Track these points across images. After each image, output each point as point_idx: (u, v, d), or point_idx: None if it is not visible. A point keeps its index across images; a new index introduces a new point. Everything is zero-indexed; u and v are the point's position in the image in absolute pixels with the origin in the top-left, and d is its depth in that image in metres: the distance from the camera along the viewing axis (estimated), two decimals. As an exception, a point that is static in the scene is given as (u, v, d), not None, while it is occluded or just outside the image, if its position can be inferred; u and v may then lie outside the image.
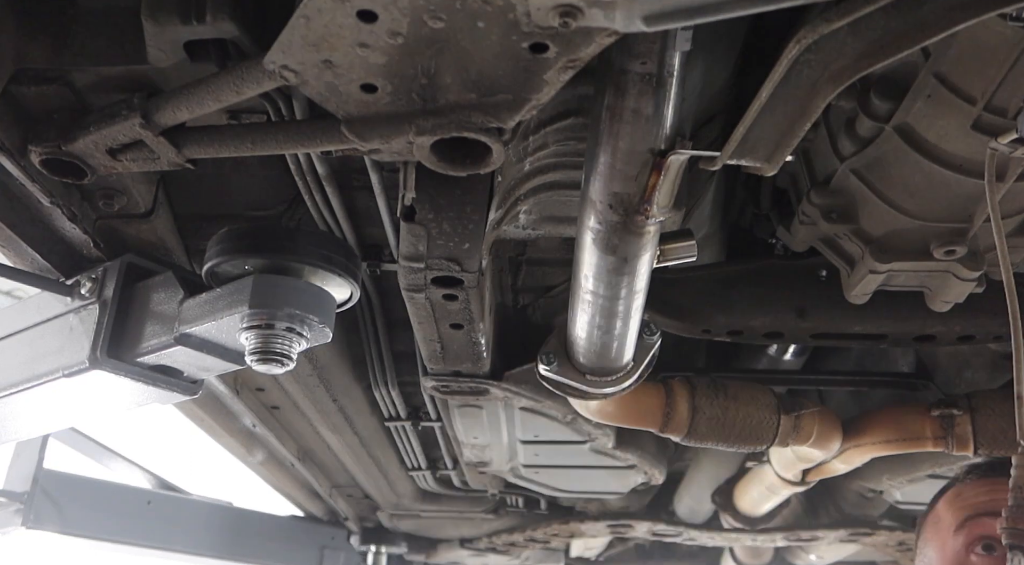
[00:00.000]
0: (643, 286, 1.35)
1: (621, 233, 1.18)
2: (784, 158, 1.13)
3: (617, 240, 1.20)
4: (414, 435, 2.99)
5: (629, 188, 1.10)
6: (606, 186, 1.11)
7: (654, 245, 1.26)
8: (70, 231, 1.45)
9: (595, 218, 1.17)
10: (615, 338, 1.50)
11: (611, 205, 1.13)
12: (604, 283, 1.32)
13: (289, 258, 1.35)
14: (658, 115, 1.01)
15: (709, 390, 1.97)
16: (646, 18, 0.82)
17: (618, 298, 1.35)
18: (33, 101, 1.24)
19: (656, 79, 0.96)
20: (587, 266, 1.29)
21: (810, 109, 1.06)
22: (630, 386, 1.69)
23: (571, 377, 1.67)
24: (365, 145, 1.10)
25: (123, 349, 1.46)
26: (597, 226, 1.19)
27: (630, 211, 1.13)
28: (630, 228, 1.16)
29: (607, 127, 1.04)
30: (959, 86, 1.21)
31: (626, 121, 1.01)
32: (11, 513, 2.97)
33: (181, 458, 4.14)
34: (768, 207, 1.82)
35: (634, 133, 1.03)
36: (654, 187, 1.09)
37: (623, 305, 1.38)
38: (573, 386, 1.68)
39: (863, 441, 2.09)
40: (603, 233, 1.19)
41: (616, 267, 1.26)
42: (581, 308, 1.42)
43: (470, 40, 0.92)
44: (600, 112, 1.04)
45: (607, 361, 1.60)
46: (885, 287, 1.63)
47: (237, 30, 1.09)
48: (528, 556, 4.29)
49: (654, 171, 1.07)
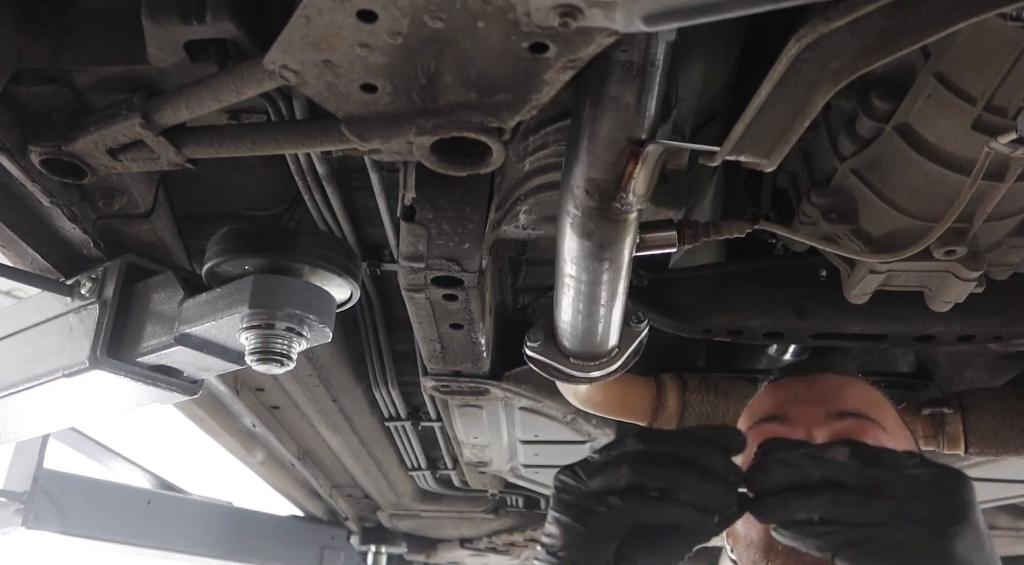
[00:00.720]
0: (624, 273, 1.35)
1: (597, 219, 1.18)
2: (784, 154, 1.13)
3: (593, 226, 1.20)
4: (414, 435, 2.99)
5: (606, 175, 1.10)
6: (584, 172, 1.12)
7: (633, 233, 1.26)
8: (70, 231, 1.44)
9: (572, 203, 1.18)
10: (598, 323, 1.50)
11: (587, 191, 1.13)
12: (583, 268, 1.32)
13: (289, 258, 1.35)
14: (639, 104, 1.01)
15: (700, 386, 1.98)
16: (646, 18, 0.82)
17: (598, 283, 1.36)
18: (33, 101, 1.24)
19: (637, 68, 0.96)
20: (567, 250, 1.30)
21: (809, 106, 1.07)
22: (615, 372, 1.69)
23: (555, 359, 1.67)
24: (365, 145, 1.10)
25: (123, 349, 1.46)
26: (575, 211, 1.19)
27: (606, 198, 1.13)
28: (606, 214, 1.17)
29: (588, 113, 1.04)
30: (959, 86, 1.21)
31: (606, 108, 1.01)
32: (11, 513, 2.97)
33: (181, 458, 4.15)
34: (768, 207, 1.83)
35: (613, 121, 1.03)
36: (631, 175, 1.09)
37: (605, 290, 1.38)
38: (557, 367, 1.69)
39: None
40: (580, 218, 1.20)
41: (593, 252, 1.27)
42: (564, 292, 1.43)
43: (470, 40, 0.92)
44: (583, 98, 1.04)
45: (591, 346, 1.61)
46: (885, 287, 1.63)
47: (237, 30, 1.09)
48: (528, 556, 4.29)
49: (631, 159, 1.07)
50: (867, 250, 1.50)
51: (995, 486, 2.67)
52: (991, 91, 1.18)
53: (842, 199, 1.51)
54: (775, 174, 1.75)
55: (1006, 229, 1.51)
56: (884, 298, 1.71)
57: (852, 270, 1.62)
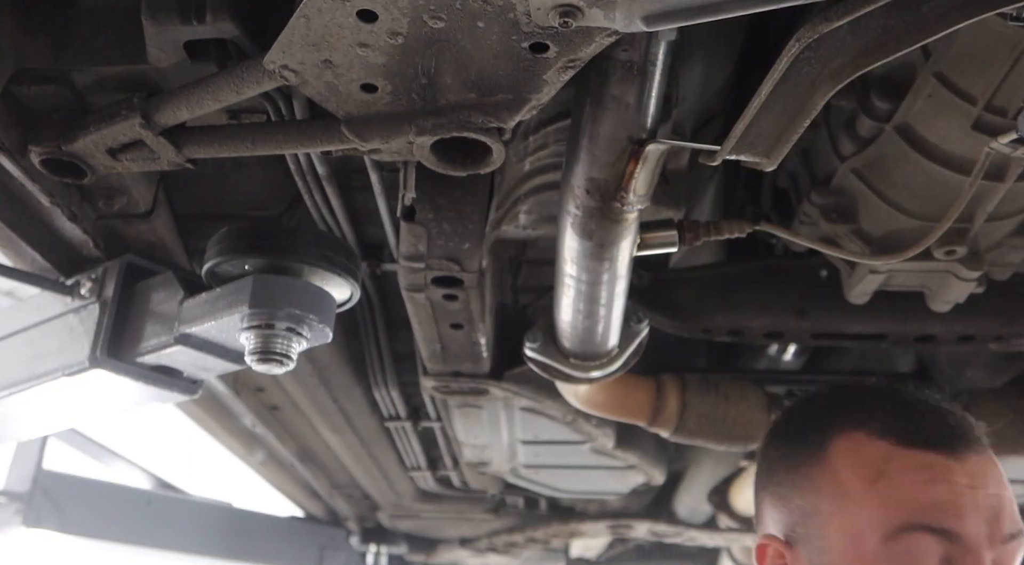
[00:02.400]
0: (624, 273, 1.35)
1: (598, 219, 1.18)
2: (784, 154, 1.13)
3: (594, 226, 1.20)
4: (414, 435, 2.99)
5: (606, 174, 1.10)
6: (585, 171, 1.12)
7: (633, 232, 1.26)
8: (70, 231, 1.44)
9: (573, 203, 1.18)
10: (598, 323, 1.50)
11: (588, 191, 1.14)
12: (583, 268, 1.32)
13: (289, 258, 1.35)
14: (639, 103, 1.01)
15: (700, 387, 1.98)
16: (646, 18, 0.82)
17: (598, 283, 1.36)
18: (33, 101, 1.24)
19: (638, 67, 0.97)
20: (567, 250, 1.30)
21: (809, 105, 1.07)
22: (615, 372, 1.69)
23: (555, 359, 1.67)
24: (365, 145, 1.10)
25: (123, 349, 1.46)
26: (575, 211, 1.19)
27: (607, 197, 1.13)
28: (607, 214, 1.17)
29: (589, 113, 1.04)
30: (959, 86, 1.21)
31: (607, 107, 1.02)
32: (11, 513, 2.97)
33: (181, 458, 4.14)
34: (768, 207, 1.83)
35: (614, 120, 1.03)
36: (631, 175, 1.09)
37: (604, 291, 1.38)
38: (556, 368, 1.69)
39: (856, 439, 2.08)
40: (580, 218, 1.20)
41: (594, 252, 1.27)
42: (564, 292, 1.43)
43: (470, 40, 0.92)
44: (583, 98, 1.04)
45: (591, 346, 1.60)
46: (885, 287, 1.64)
47: (237, 30, 1.09)
48: (528, 556, 4.29)
49: (632, 159, 1.07)
50: (867, 250, 1.50)
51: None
52: (991, 91, 1.18)
53: (842, 199, 1.51)
54: (775, 174, 1.75)
55: (1006, 229, 1.51)
56: (884, 298, 1.71)
57: (852, 270, 1.62)
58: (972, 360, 2.22)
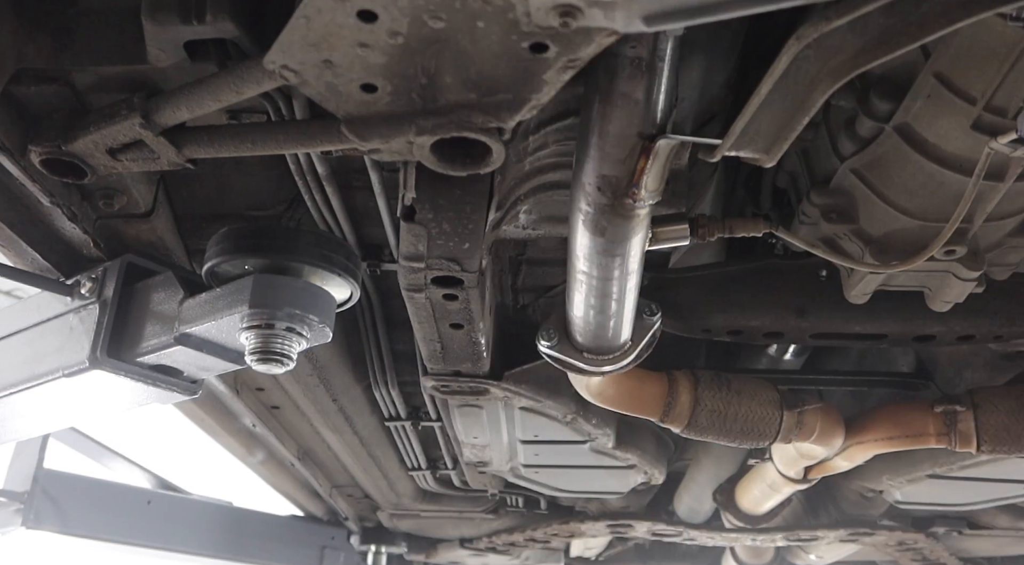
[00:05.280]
0: (636, 268, 1.36)
1: (610, 216, 1.19)
2: (783, 150, 1.13)
3: (606, 222, 1.21)
4: (414, 435, 2.99)
5: (618, 171, 1.11)
6: (596, 169, 1.12)
7: (645, 228, 1.26)
8: (70, 231, 1.45)
9: (585, 200, 1.18)
10: (610, 317, 1.51)
11: (600, 188, 1.14)
12: (595, 264, 1.33)
13: (289, 258, 1.35)
14: (648, 99, 1.01)
15: (712, 383, 1.97)
16: (646, 18, 0.82)
17: (610, 279, 1.36)
18: (33, 101, 1.24)
19: (646, 63, 0.97)
20: (579, 247, 1.30)
21: (808, 103, 1.07)
22: (628, 365, 1.69)
23: (569, 354, 1.68)
24: (365, 145, 1.10)
25: (123, 349, 1.46)
26: (587, 208, 1.19)
27: (618, 194, 1.14)
28: (618, 211, 1.17)
29: (598, 110, 1.04)
30: (959, 86, 1.21)
31: (616, 104, 1.02)
32: (11, 513, 2.97)
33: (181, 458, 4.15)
34: (768, 207, 1.83)
35: (624, 117, 1.03)
36: (642, 171, 1.09)
37: (616, 286, 1.38)
38: (571, 363, 1.69)
39: (866, 438, 2.08)
40: (592, 215, 1.20)
41: (606, 249, 1.27)
42: (576, 288, 1.43)
43: (470, 40, 0.92)
44: (592, 95, 1.04)
45: (604, 340, 1.61)
46: (885, 287, 1.63)
47: (237, 30, 1.09)
48: (528, 556, 4.29)
49: (642, 155, 1.08)
50: (867, 250, 1.50)
51: (995, 486, 2.67)
52: (991, 91, 1.18)
53: (842, 199, 1.51)
54: (775, 174, 1.75)
55: (1006, 229, 1.51)
56: (884, 298, 1.71)
57: (852, 270, 1.62)
58: (972, 360, 2.22)
